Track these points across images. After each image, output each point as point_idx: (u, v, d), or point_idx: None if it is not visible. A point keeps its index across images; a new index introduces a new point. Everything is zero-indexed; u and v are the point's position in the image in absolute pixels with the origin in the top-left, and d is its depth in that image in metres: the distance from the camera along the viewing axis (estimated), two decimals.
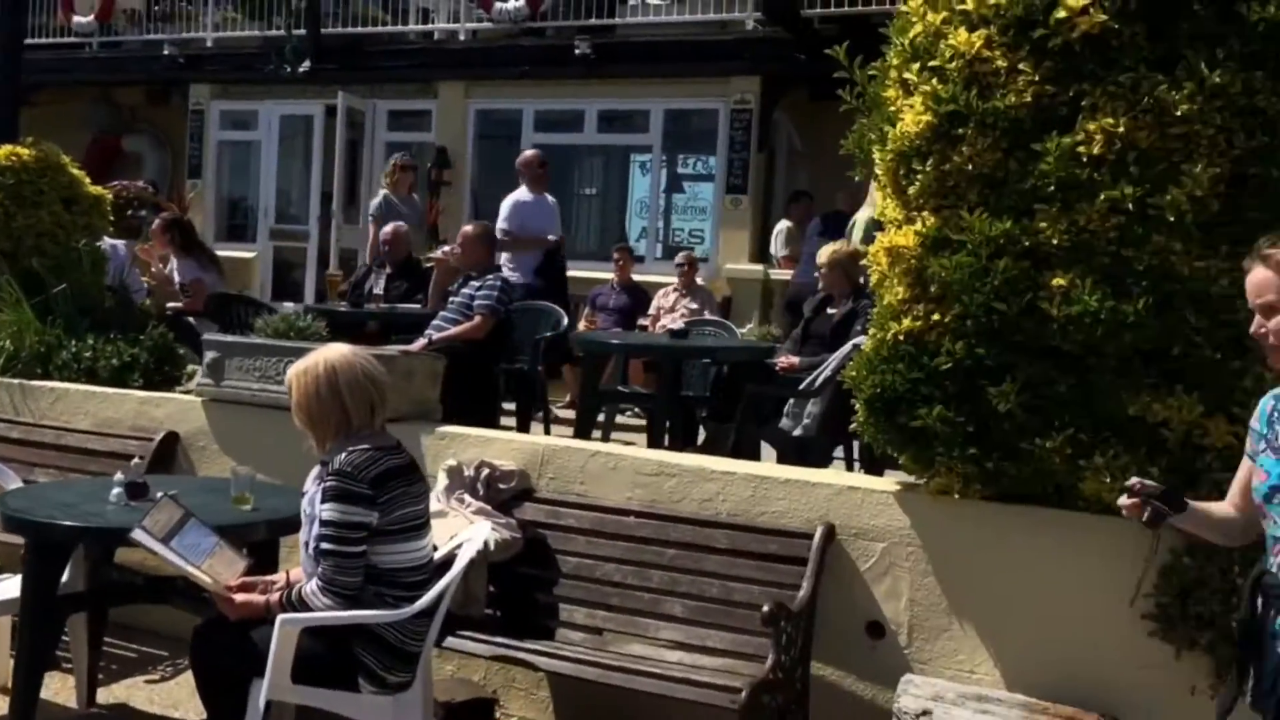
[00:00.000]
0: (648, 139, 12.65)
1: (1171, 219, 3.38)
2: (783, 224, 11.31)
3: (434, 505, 3.90)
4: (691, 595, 4.09)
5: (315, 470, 3.48)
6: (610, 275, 10.03)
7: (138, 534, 3.38)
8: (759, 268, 11.32)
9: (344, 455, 3.39)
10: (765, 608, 3.62)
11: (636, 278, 10.18)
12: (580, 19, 12.20)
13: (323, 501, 3.36)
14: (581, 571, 4.27)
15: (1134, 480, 2.66)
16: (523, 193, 8.72)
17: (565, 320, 7.50)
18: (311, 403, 3.46)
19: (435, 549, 3.68)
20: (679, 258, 9.95)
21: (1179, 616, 3.48)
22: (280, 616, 3.31)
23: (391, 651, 3.44)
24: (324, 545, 3.35)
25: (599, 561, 4.25)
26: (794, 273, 9.86)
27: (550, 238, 8.56)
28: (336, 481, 3.34)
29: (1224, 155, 3.34)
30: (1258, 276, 2.53)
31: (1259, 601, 2.56)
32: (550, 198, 8.91)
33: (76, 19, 14.75)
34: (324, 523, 3.35)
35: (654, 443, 6.20)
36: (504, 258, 8.20)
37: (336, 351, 3.54)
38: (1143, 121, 3.38)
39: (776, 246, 11.25)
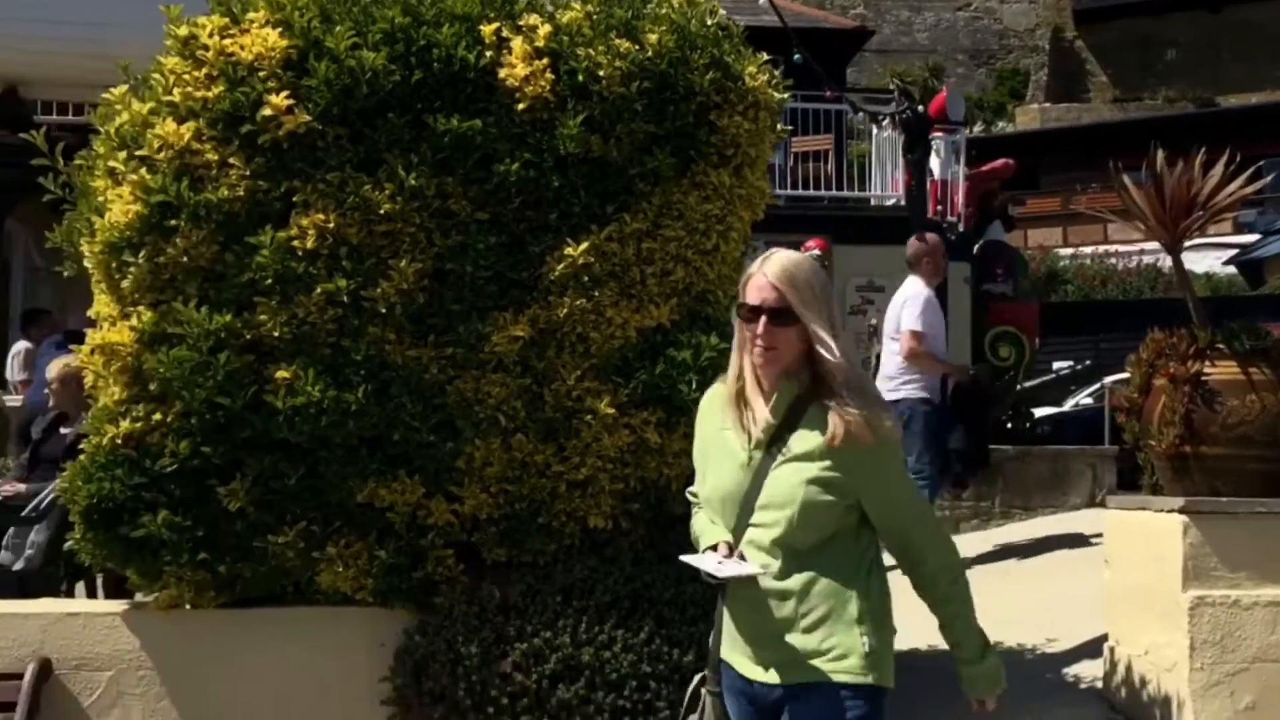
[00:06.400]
0: None
1: (384, 310, 3.55)
2: (20, 345, 10.14)
3: None
4: None
5: None
6: None
7: None
8: None
9: None
10: None
11: None
12: None
13: None
14: None
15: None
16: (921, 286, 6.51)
17: None
18: None
19: None
20: None
21: (414, 696, 3.57)
22: None
23: None
24: None
25: None
26: (25, 395, 8.85)
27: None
28: None
29: (425, 252, 3.60)
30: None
31: None
32: None
33: None
34: None
35: None
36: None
37: None
38: (352, 218, 3.54)
39: (13, 371, 10.04)
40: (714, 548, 2.35)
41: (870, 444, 2.28)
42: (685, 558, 2.41)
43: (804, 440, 2.31)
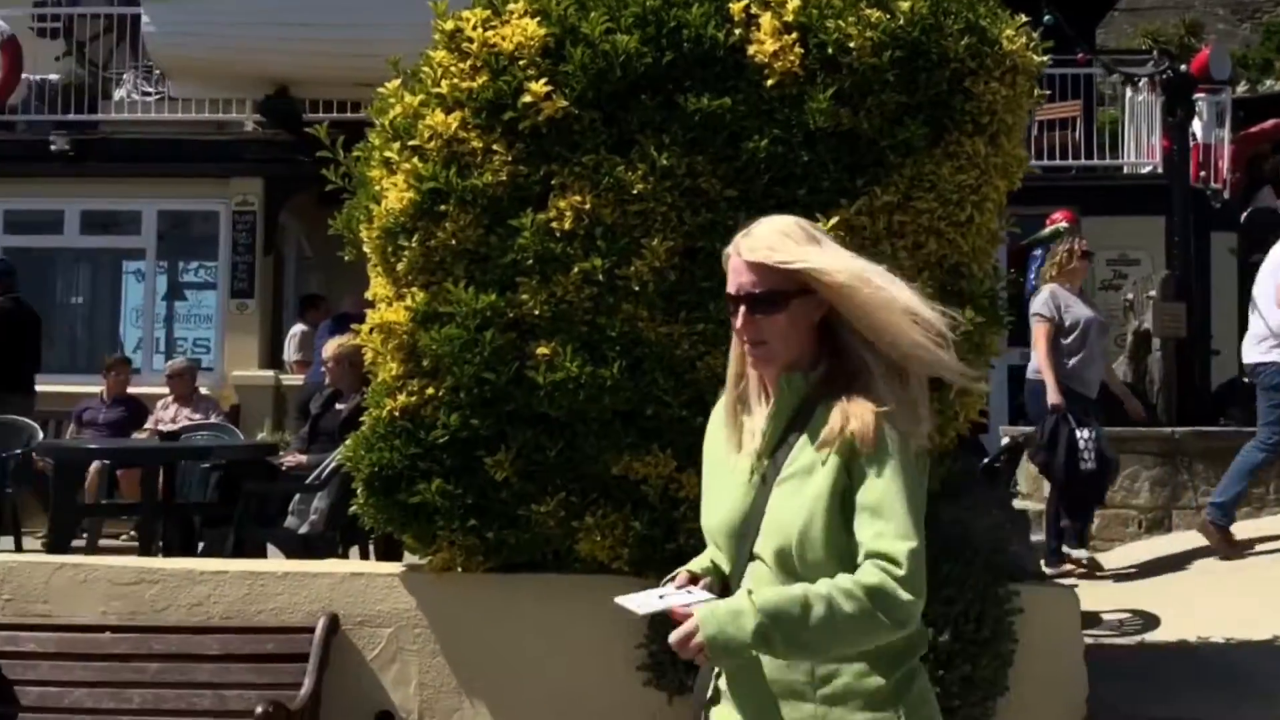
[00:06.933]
0: (140, 242, 11.83)
1: (637, 288, 3.65)
2: (297, 328, 10.97)
3: None
4: (180, 712, 3.71)
5: None
6: (98, 389, 9.16)
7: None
8: (269, 374, 10.87)
9: None
10: (259, 709, 3.36)
11: (137, 390, 9.40)
12: (57, 113, 11.27)
13: None
14: (47, 702, 3.73)
15: None
16: None
17: (39, 435, 6.70)
18: None
19: None
20: (167, 368, 9.37)
21: (669, 663, 3.67)
22: None
23: None
24: None
25: (68, 688, 3.74)
26: (305, 375, 9.57)
27: None
28: None
29: (676, 230, 3.67)
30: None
31: None
32: None
33: None
34: None
35: (145, 555, 5.63)
36: None
37: None
38: (606, 199, 3.65)
39: (290, 351, 10.88)
40: (673, 578, 1.97)
41: (873, 445, 1.78)
42: (620, 599, 1.92)
43: (809, 449, 1.84)
